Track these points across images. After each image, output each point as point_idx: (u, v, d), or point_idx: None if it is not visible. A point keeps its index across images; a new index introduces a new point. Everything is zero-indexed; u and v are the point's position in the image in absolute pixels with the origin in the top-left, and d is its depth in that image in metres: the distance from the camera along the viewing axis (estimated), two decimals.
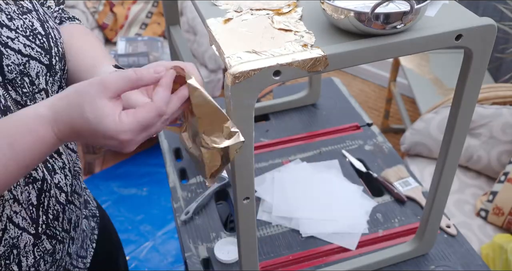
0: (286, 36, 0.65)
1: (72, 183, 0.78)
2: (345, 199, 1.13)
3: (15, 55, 0.66)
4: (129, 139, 0.58)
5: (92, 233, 0.94)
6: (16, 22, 0.67)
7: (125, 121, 0.57)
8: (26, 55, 0.67)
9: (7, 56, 0.65)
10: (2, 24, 0.65)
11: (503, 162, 1.77)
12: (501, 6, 2.16)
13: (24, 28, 0.67)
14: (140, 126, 0.58)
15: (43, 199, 0.72)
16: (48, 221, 0.74)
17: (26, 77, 0.68)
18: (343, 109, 1.40)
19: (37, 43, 0.69)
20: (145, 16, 2.67)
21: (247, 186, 0.70)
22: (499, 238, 1.50)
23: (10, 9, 0.67)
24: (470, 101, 0.75)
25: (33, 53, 0.68)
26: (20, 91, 0.67)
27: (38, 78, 0.69)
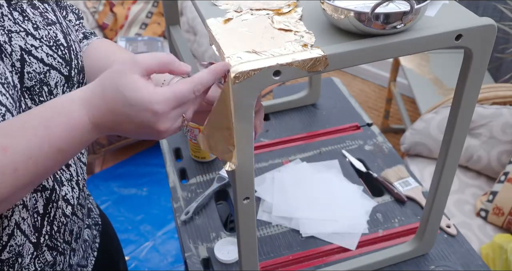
0: (286, 36, 0.65)
1: (79, 195, 0.78)
2: (345, 199, 1.13)
3: (37, 64, 0.67)
4: (164, 111, 0.57)
5: (94, 242, 0.93)
6: (41, 32, 0.68)
7: (160, 92, 0.57)
8: (47, 65, 0.68)
9: (29, 63, 0.66)
10: (28, 32, 0.66)
11: (503, 162, 1.77)
12: (501, 6, 2.16)
13: (48, 38, 0.69)
14: (175, 98, 0.58)
15: (50, 209, 0.71)
16: (52, 232, 0.73)
17: (45, 86, 0.68)
18: (343, 109, 1.40)
19: (59, 54, 0.70)
20: (145, 16, 2.67)
21: (247, 186, 0.70)
22: (499, 238, 1.50)
23: (37, 19, 0.69)
24: (470, 101, 0.75)
25: (55, 63, 0.69)
26: (37, 100, 0.68)
27: (56, 88, 0.70)
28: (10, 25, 0.64)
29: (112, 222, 1.13)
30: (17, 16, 0.66)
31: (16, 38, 0.65)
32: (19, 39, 0.65)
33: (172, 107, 0.58)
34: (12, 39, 0.64)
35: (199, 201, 1.12)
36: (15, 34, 0.65)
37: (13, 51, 0.64)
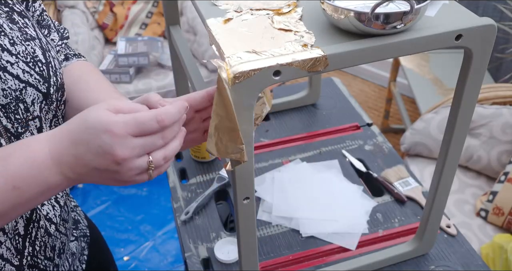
0: (286, 36, 0.65)
1: (60, 213, 0.76)
2: (345, 199, 1.13)
3: (13, 80, 0.64)
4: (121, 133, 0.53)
5: (82, 254, 0.91)
6: (17, 48, 0.66)
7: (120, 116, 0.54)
8: (23, 81, 0.65)
9: (4, 80, 0.63)
10: (3, 48, 0.64)
11: (503, 162, 1.77)
12: (501, 6, 2.16)
13: (25, 54, 0.66)
14: (135, 123, 0.53)
15: (31, 229, 0.69)
16: (34, 252, 0.71)
17: (21, 104, 0.66)
18: (343, 109, 1.40)
19: (36, 70, 0.67)
20: (145, 16, 2.67)
21: (247, 186, 0.70)
22: (499, 238, 1.50)
23: (14, 34, 0.67)
24: (470, 101, 0.75)
25: (31, 80, 0.66)
26: (13, 118, 0.65)
27: (33, 105, 0.67)
28: None
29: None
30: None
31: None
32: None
33: (131, 132, 0.53)
34: None
35: (199, 201, 1.12)
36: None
37: None
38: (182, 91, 1.27)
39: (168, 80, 2.43)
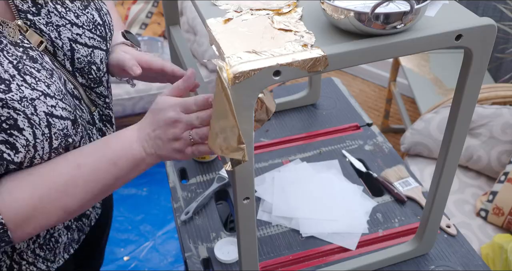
0: (286, 36, 0.65)
1: None
2: (345, 199, 1.13)
3: (83, 48, 0.79)
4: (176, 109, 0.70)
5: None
6: (81, 19, 0.79)
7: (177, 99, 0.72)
8: (90, 46, 0.80)
9: (77, 50, 0.78)
10: (72, 23, 0.77)
11: (503, 162, 1.77)
12: (501, 6, 2.16)
13: (88, 23, 0.79)
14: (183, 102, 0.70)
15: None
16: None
17: (93, 65, 0.81)
18: (343, 109, 1.40)
19: (97, 33, 0.81)
20: (145, 16, 2.67)
21: (247, 186, 0.70)
22: (499, 238, 1.50)
23: (76, 6, 0.79)
24: (470, 101, 0.75)
25: (95, 43, 0.81)
26: (87, 77, 0.81)
27: (102, 64, 0.83)
28: (57, 20, 0.75)
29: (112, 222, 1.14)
30: (60, 10, 0.76)
31: (64, 31, 0.76)
32: (66, 32, 0.76)
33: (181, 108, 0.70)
34: (61, 33, 0.75)
35: (199, 201, 1.12)
36: (63, 27, 0.75)
37: (64, 43, 0.76)
38: None
39: None
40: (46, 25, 0.74)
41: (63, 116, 0.71)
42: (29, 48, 0.70)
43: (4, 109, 0.64)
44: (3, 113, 0.64)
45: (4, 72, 0.65)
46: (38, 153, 0.69)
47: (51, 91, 0.70)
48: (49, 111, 0.69)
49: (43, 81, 0.69)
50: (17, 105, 0.65)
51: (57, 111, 0.70)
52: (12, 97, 0.64)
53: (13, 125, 0.65)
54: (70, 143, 0.73)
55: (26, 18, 0.72)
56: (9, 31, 0.68)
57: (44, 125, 0.68)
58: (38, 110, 0.67)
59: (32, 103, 0.67)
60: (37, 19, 0.73)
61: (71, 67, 0.78)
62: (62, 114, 0.71)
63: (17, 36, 0.69)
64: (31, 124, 0.66)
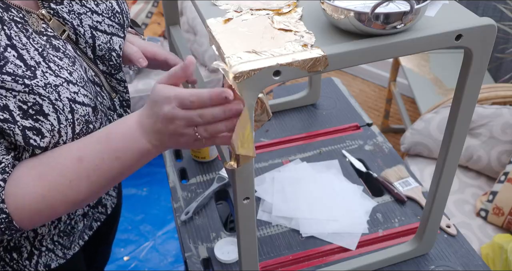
0: (286, 36, 0.65)
1: None
2: (345, 199, 1.13)
3: (103, 35, 0.80)
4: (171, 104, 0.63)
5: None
6: (101, 7, 0.80)
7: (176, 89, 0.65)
8: (110, 33, 0.81)
9: (98, 37, 0.79)
10: (92, 11, 0.79)
11: (503, 162, 1.77)
12: (501, 6, 2.16)
13: (107, 11, 0.81)
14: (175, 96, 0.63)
15: None
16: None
17: (113, 52, 0.82)
18: (343, 109, 1.40)
19: (116, 21, 0.83)
20: (145, 16, 2.67)
21: (247, 186, 0.70)
22: (499, 238, 1.50)
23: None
24: (470, 101, 0.75)
25: (114, 30, 0.82)
26: (108, 64, 0.82)
27: (121, 50, 0.84)
28: (78, 8, 0.77)
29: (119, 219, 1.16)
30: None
31: (85, 19, 0.77)
32: (87, 19, 0.78)
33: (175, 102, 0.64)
34: (82, 20, 0.77)
35: (199, 201, 1.12)
36: (84, 15, 0.77)
37: (85, 31, 0.77)
38: None
39: None
40: (69, 13, 0.76)
41: (84, 103, 0.72)
42: (52, 37, 0.72)
43: (31, 95, 0.66)
44: (30, 99, 0.66)
45: (30, 59, 0.67)
46: (62, 138, 0.71)
47: (74, 79, 0.71)
48: (72, 98, 0.70)
49: (66, 68, 0.71)
50: (42, 91, 0.67)
51: (79, 97, 0.72)
52: (37, 83, 0.66)
53: (39, 111, 0.67)
54: (91, 129, 0.75)
55: (50, 7, 0.74)
56: (32, 20, 0.70)
57: (68, 111, 0.70)
58: (62, 96, 0.69)
59: (56, 90, 0.68)
60: (60, 7, 0.75)
61: (93, 54, 0.80)
62: (84, 100, 0.72)
63: (40, 25, 0.71)
64: (55, 110, 0.68)
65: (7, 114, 0.65)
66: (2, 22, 0.66)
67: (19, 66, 0.65)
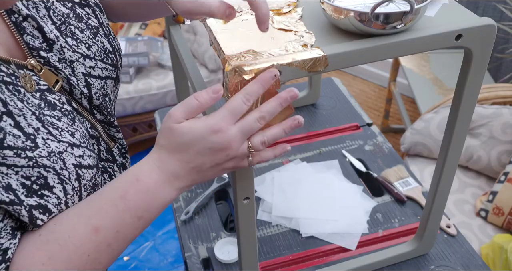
0: (286, 36, 0.65)
1: None
2: (345, 199, 1.13)
3: (97, 81, 0.71)
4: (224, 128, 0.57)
5: None
6: (93, 49, 0.71)
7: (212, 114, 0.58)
8: (103, 78, 0.72)
9: (93, 85, 0.70)
10: (84, 55, 0.69)
11: (503, 162, 1.77)
12: (501, 6, 2.16)
13: (99, 53, 0.71)
14: (227, 111, 0.57)
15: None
16: None
17: (107, 97, 0.73)
18: (343, 109, 1.40)
19: (109, 62, 0.73)
20: None
21: (247, 186, 0.70)
22: (499, 238, 1.50)
23: (86, 36, 0.71)
24: (470, 101, 0.75)
25: (108, 73, 0.73)
26: (105, 112, 0.73)
27: (112, 93, 0.75)
28: (70, 55, 0.67)
29: None
30: (71, 43, 0.68)
31: (77, 66, 0.68)
32: (80, 66, 0.68)
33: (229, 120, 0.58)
34: (75, 68, 0.68)
35: (199, 201, 1.12)
36: (76, 62, 0.68)
37: (78, 80, 0.68)
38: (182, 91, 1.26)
39: (168, 80, 2.43)
40: (59, 62, 0.66)
41: (90, 165, 0.64)
42: (46, 91, 0.63)
43: (35, 169, 0.57)
44: (34, 173, 0.57)
45: (28, 126, 0.58)
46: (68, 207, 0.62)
47: (77, 140, 0.63)
48: (78, 163, 0.62)
49: (67, 130, 0.63)
50: (46, 162, 0.58)
51: (84, 161, 0.63)
52: (40, 153, 0.58)
53: (44, 185, 0.58)
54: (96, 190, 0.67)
55: (39, 56, 0.64)
56: (26, 81, 0.61)
57: (74, 178, 0.62)
58: (67, 163, 0.61)
59: (61, 157, 0.60)
60: (50, 55, 0.65)
61: (89, 105, 0.71)
62: (89, 163, 0.64)
63: (34, 85, 0.62)
64: (61, 180, 0.60)
65: (12, 195, 0.55)
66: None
67: (17, 137, 0.56)
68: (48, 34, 0.65)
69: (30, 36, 0.64)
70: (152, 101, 2.42)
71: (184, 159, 0.60)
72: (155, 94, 2.41)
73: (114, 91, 0.77)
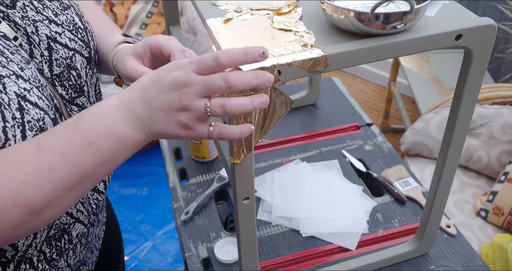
0: (286, 36, 0.65)
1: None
2: (345, 199, 1.13)
3: (63, 50, 0.69)
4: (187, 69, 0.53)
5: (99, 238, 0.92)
6: (61, 18, 0.70)
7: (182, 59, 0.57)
8: (71, 49, 0.70)
9: (56, 50, 0.68)
10: (50, 20, 0.68)
11: (503, 162, 1.77)
12: (501, 6, 2.16)
13: (68, 23, 0.71)
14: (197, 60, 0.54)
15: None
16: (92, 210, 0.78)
17: (73, 71, 0.71)
18: (343, 109, 1.40)
19: (79, 37, 0.72)
20: (145, 16, 2.67)
21: (247, 186, 0.70)
22: (499, 238, 1.50)
23: (54, 5, 0.71)
24: (470, 101, 0.75)
25: (77, 47, 0.71)
26: (67, 84, 0.70)
27: (83, 71, 0.73)
28: (33, 15, 0.67)
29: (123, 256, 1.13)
30: (37, 5, 0.68)
31: (41, 27, 0.67)
32: (44, 28, 0.67)
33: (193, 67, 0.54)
34: (38, 28, 0.66)
35: (199, 201, 1.12)
36: (40, 23, 0.67)
37: (41, 40, 0.66)
38: None
39: None
40: (22, 19, 0.65)
41: (38, 105, 0.60)
42: (2, 37, 0.62)
43: None
44: None
45: None
46: (10, 142, 0.57)
47: (25, 75, 0.60)
48: (21, 94, 0.58)
49: (17, 63, 0.60)
50: None
51: (31, 97, 0.59)
52: None
53: None
54: None
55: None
56: None
57: (15, 107, 0.57)
58: (7, 88, 0.57)
59: (1, 81, 0.57)
60: (12, 11, 0.64)
61: (49, 72, 0.68)
62: (37, 102, 0.60)
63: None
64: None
65: None
66: None
67: None
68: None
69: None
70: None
71: (141, 87, 0.56)
72: None
73: (89, 74, 0.74)
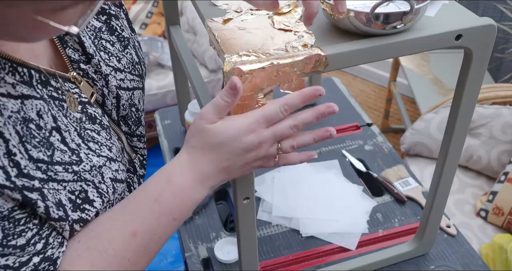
0: (286, 36, 0.65)
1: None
2: (345, 199, 1.13)
3: (126, 93, 0.71)
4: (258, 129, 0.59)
5: None
6: (123, 62, 0.72)
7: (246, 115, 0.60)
8: (131, 89, 0.73)
9: (122, 96, 0.71)
10: (115, 68, 0.70)
11: (503, 162, 1.77)
12: (501, 6, 2.16)
13: (128, 65, 0.72)
14: (262, 116, 0.59)
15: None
16: None
17: (133, 107, 0.74)
18: (343, 109, 1.40)
19: (136, 73, 0.74)
20: (145, 16, 2.67)
21: (247, 186, 0.70)
22: (499, 238, 1.50)
23: (116, 49, 0.71)
24: (470, 101, 0.75)
25: (135, 84, 0.74)
26: (130, 122, 0.73)
27: (140, 103, 0.76)
28: (105, 69, 0.68)
29: None
30: (104, 57, 0.69)
31: (111, 79, 0.69)
32: (113, 79, 0.69)
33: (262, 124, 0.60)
34: (109, 82, 0.69)
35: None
36: (110, 76, 0.69)
37: (110, 91, 0.69)
38: (182, 91, 1.26)
39: (168, 80, 2.43)
40: (95, 74, 0.67)
41: (122, 180, 0.65)
42: (87, 104, 0.64)
43: (78, 183, 0.58)
44: (77, 187, 0.58)
45: (71, 141, 0.59)
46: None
47: (114, 154, 0.64)
48: (114, 177, 0.63)
49: (105, 144, 0.64)
50: (88, 176, 0.59)
51: (119, 175, 0.64)
52: (84, 168, 0.59)
53: (85, 199, 0.59)
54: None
55: (79, 68, 0.66)
56: (70, 101, 0.61)
57: (111, 192, 0.62)
58: (105, 177, 0.61)
59: (100, 171, 0.61)
60: (88, 67, 0.67)
61: (116, 116, 0.71)
62: (122, 177, 0.65)
63: (77, 107, 0.62)
64: (100, 194, 0.60)
65: (62, 211, 0.55)
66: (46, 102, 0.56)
67: (64, 152, 0.57)
68: (88, 49, 0.66)
69: (71, 50, 0.65)
70: (152, 102, 2.42)
71: (216, 159, 0.61)
72: (155, 94, 2.41)
73: (141, 101, 0.77)
